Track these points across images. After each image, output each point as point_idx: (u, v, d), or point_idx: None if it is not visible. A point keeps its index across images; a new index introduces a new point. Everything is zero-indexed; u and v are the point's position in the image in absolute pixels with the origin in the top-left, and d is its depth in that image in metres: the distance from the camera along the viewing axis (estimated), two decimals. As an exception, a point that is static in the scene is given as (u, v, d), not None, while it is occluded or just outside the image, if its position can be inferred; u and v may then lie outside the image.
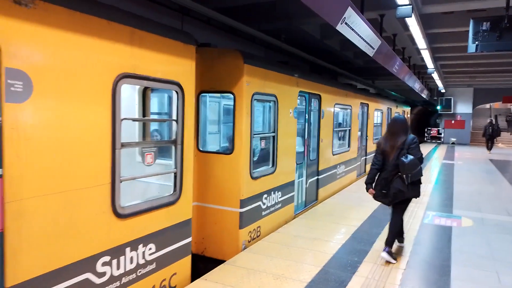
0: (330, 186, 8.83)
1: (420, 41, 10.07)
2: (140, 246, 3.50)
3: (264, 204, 5.72)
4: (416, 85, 15.82)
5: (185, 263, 4.13)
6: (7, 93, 2.33)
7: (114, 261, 3.24)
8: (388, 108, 15.45)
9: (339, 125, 9.93)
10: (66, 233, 2.80)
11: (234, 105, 5.07)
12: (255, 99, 5.29)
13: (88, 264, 2.99)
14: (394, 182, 4.65)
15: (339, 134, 9.97)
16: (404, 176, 4.55)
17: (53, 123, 2.65)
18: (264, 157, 6.01)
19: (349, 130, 10.24)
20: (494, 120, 25.25)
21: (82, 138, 2.88)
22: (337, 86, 9.13)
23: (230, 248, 5.11)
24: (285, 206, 6.41)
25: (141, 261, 3.52)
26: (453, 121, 27.95)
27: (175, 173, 3.92)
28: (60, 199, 2.73)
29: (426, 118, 33.68)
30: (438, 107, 28.23)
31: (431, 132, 29.86)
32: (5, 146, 2.35)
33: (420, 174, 4.64)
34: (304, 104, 7.35)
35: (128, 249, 3.37)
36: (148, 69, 3.45)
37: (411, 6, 6.69)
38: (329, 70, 12.61)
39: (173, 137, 3.93)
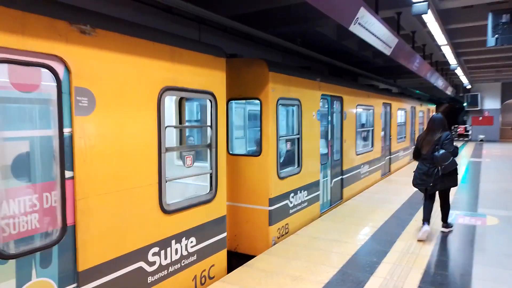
0: (354, 185, 8.99)
1: (440, 37, 9.88)
2: (183, 239, 3.93)
3: (291, 202, 6.05)
4: (439, 82, 15.49)
5: (222, 256, 4.53)
6: (76, 108, 2.82)
7: (162, 252, 3.67)
8: (412, 107, 15.28)
9: (362, 125, 9.95)
10: (123, 227, 3.25)
11: (261, 110, 5.45)
12: (280, 104, 5.65)
13: (141, 254, 3.43)
14: (431, 175, 5.36)
15: (362, 135, 10.06)
16: (439, 167, 5.26)
17: (111, 131, 3.12)
18: (290, 158, 6.34)
19: (372, 130, 10.31)
20: None
21: (135, 144, 3.36)
22: (358, 87, 9.31)
23: (261, 244, 5.47)
24: (311, 204, 6.70)
25: (184, 253, 3.95)
26: (480, 118, 27.06)
27: (211, 174, 4.36)
28: (118, 197, 3.19)
29: (452, 116, 32.77)
30: (464, 104, 27.41)
31: (458, 129, 29.02)
32: (75, 152, 2.83)
33: (453, 165, 5.30)
34: (326, 106, 7.58)
35: (173, 242, 3.80)
36: (186, 81, 3.91)
37: (426, 2, 6.61)
38: (349, 71, 12.55)
39: (208, 141, 4.37)
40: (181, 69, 3.83)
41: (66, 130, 2.77)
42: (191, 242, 4.03)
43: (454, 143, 5.46)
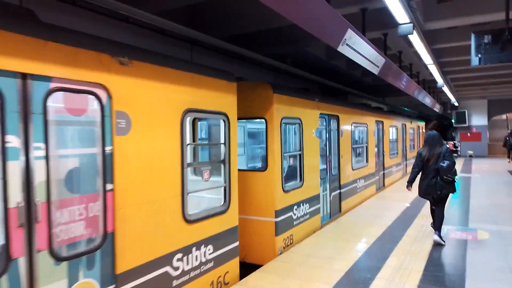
0: (351, 199, 9.41)
1: (426, 57, 10.19)
2: (202, 246, 4.31)
3: (295, 214, 6.49)
4: (427, 100, 15.83)
5: (235, 264, 4.90)
6: (116, 129, 3.25)
7: (185, 258, 4.05)
8: (403, 124, 15.88)
9: (357, 142, 10.39)
10: (152, 234, 3.64)
11: (266, 129, 5.96)
12: (283, 123, 6.16)
13: (167, 259, 3.81)
14: (437, 185, 6.02)
15: (357, 151, 10.46)
16: (444, 177, 5.94)
17: (143, 149, 3.55)
18: (292, 173, 6.76)
19: (366, 146, 10.79)
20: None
21: (162, 159, 3.77)
22: (352, 106, 9.86)
23: (268, 254, 5.85)
24: (312, 217, 7.15)
25: (203, 259, 4.33)
26: (469, 134, 27.54)
27: (225, 187, 4.79)
28: (148, 207, 3.60)
29: (441, 132, 33.26)
30: (453, 121, 27.92)
31: (448, 145, 29.43)
32: (115, 168, 3.23)
33: (455, 174, 6.04)
34: (324, 124, 8.04)
35: (194, 249, 4.18)
36: (203, 103, 4.40)
37: (412, 24, 6.86)
38: (339, 90, 12.79)
39: (222, 157, 4.80)
40: (199, 93, 4.33)
41: (108, 148, 3.19)
42: (209, 249, 4.42)
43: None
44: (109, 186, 3.18)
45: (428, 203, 8.02)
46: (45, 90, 2.74)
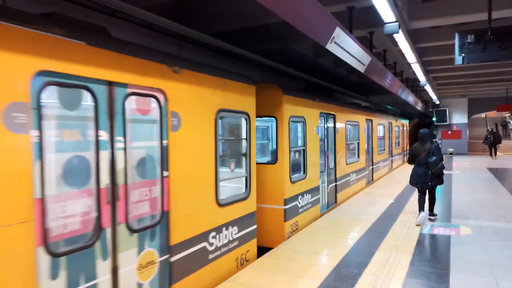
0: (346, 191, 10.25)
1: (410, 56, 10.36)
2: (230, 227, 5.04)
3: (299, 203, 7.23)
4: (410, 98, 16.11)
5: (254, 244, 5.67)
6: (170, 126, 3.98)
7: (217, 236, 4.78)
8: (389, 122, 16.70)
9: (350, 139, 11.05)
10: (195, 214, 4.38)
11: (276, 126, 6.66)
12: (291, 121, 6.88)
13: (205, 236, 4.54)
14: (426, 177, 6.99)
15: (350, 147, 11.15)
16: (433, 170, 6.89)
17: (189, 143, 4.29)
18: (297, 166, 7.43)
19: (358, 143, 11.62)
20: (495, 128, 25.72)
21: (202, 152, 4.52)
22: (346, 106, 10.55)
23: (277, 237, 6.58)
24: (314, 206, 7.92)
25: (230, 238, 5.07)
26: (449, 132, 28.19)
27: (246, 177, 5.54)
28: (193, 192, 4.34)
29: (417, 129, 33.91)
30: (434, 119, 28.51)
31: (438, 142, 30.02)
32: (170, 158, 3.95)
33: (442, 168, 6.98)
34: (323, 122, 8.74)
35: (224, 228, 4.91)
36: (230, 104, 5.11)
37: (398, 22, 6.95)
38: (324, 88, 12.88)
39: (243, 151, 5.58)
40: (228, 95, 5.05)
41: (164, 142, 3.91)
42: (235, 230, 5.16)
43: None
44: (165, 173, 3.91)
45: (411, 199, 8.09)
46: (123, 94, 3.44)
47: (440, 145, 7.16)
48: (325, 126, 8.87)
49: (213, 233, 4.67)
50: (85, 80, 3.08)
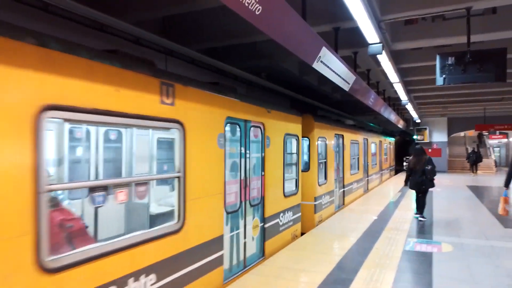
0: (350, 195, 12.85)
1: (392, 76, 10.64)
2: (288, 211, 7.42)
3: (323, 201, 9.57)
4: (392, 116, 16.46)
5: (299, 226, 8.12)
6: (266, 144, 6.35)
7: (283, 216, 7.20)
8: (380, 141, 19.52)
9: (353, 155, 13.49)
10: (274, 200, 6.76)
11: (309, 145, 9.10)
12: (319, 141, 9.39)
13: (278, 215, 6.96)
14: (423, 183, 9.05)
15: (353, 161, 13.49)
16: (428, 176, 8.98)
17: (274, 155, 6.77)
18: (321, 174, 9.66)
19: (358, 158, 14.08)
20: (476, 148, 27.06)
21: (279, 160, 7.10)
22: (350, 127, 13.11)
23: (310, 225, 8.83)
24: (331, 204, 10.35)
25: (289, 219, 7.47)
26: (429, 150, 28.79)
27: (296, 179, 8.06)
28: (274, 186, 6.77)
29: (403, 147, 34.61)
30: (415, 137, 29.14)
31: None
32: (265, 164, 6.38)
33: (434, 174, 9.14)
34: (336, 141, 11.04)
35: (286, 211, 7.34)
36: (290, 130, 7.62)
37: (381, 44, 7.17)
38: (309, 105, 13.06)
39: (295, 161, 8.03)
40: (289, 124, 7.55)
41: (263, 154, 6.33)
42: (291, 214, 7.56)
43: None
44: (263, 173, 6.34)
45: (394, 216, 8.18)
46: (250, 127, 5.93)
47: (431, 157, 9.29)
48: (337, 144, 11.31)
49: (282, 214, 7.07)
50: (238, 120, 5.57)
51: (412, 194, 14.29)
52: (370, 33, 6.67)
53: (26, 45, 2.56)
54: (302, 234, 7.99)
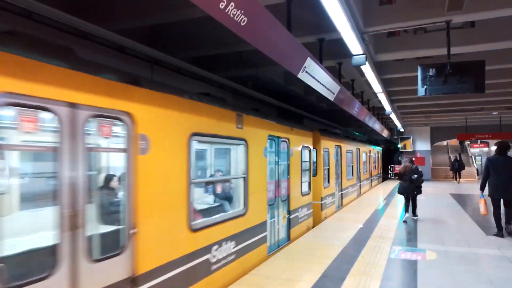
0: (347, 197, 14.91)
1: (376, 86, 10.84)
2: (304, 207, 9.27)
3: (327, 201, 11.59)
4: (376, 126, 16.71)
5: (311, 220, 9.95)
6: (289, 155, 8.33)
7: (301, 211, 9.02)
8: (369, 150, 21.62)
9: (348, 163, 15.46)
10: (294, 198, 8.56)
11: (316, 155, 10.93)
12: (324, 151, 11.33)
13: (298, 209, 8.85)
14: (410, 188, 10.30)
15: (348, 168, 15.48)
16: (415, 184, 10.24)
17: (295, 163, 8.84)
18: (325, 178, 11.54)
19: (352, 165, 16.13)
20: (458, 157, 28.09)
21: (298, 167, 9.00)
22: (345, 139, 14.99)
23: (318, 220, 10.65)
24: (332, 205, 12.37)
25: (304, 213, 9.28)
26: (413, 158, 29.22)
27: (309, 182, 9.87)
28: (295, 186, 8.63)
29: (388, 156, 35.11)
30: (399, 145, 29.60)
31: (394, 169, 31.03)
32: (290, 170, 8.45)
33: (421, 182, 10.40)
34: (335, 151, 12.98)
35: (302, 208, 9.09)
36: (306, 142, 9.48)
37: (364, 55, 7.31)
38: (295, 114, 13.16)
39: (308, 168, 9.74)
40: (305, 138, 9.51)
41: (288, 162, 8.19)
42: (306, 209, 9.38)
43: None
44: (288, 176, 8.16)
45: (380, 224, 8.26)
46: (280, 141, 7.78)
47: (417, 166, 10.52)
48: (337, 153, 13.21)
49: (300, 209, 8.88)
50: (274, 137, 7.45)
51: (398, 201, 14.45)
52: (354, 45, 6.81)
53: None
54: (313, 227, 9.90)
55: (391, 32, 8.15)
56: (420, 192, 10.44)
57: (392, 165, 31.60)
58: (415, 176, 10.13)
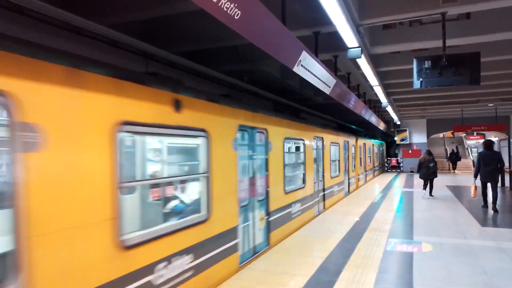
0: (353, 186, 16.80)
1: (372, 79, 10.82)
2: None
3: (335, 189, 13.13)
4: (373, 119, 16.71)
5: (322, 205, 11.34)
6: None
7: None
8: (373, 144, 23.66)
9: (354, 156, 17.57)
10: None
11: (339, 148, 13.66)
12: (331, 145, 12.64)
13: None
14: (427, 173, 13.42)
15: (358, 160, 18.21)
16: (431, 170, 13.31)
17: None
18: (335, 168, 13.55)
19: (360, 158, 18.79)
20: (456, 149, 29.43)
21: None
22: (350, 134, 16.52)
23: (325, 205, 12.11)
24: (341, 191, 14.14)
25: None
26: (410, 151, 29.36)
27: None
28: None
29: (386, 149, 35.22)
30: (395, 138, 29.67)
31: (391, 161, 31.15)
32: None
33: (436, 169, 13.59)
34: (344, 145, 14.99)
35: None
36: (331, 140, 12.33)
37: (360, 48, 7.29)
38: (292, 107, 13.13)
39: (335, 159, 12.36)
40: (329, 136, 12.18)
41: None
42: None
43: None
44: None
45: (376, 216, 8.32)
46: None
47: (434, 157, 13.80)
48: (347, 147, 15.35)
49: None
50: (317, 138, 10.59)
51: (394, 195, 14.57)
52: (349, 38, 6.78)
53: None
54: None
55: (387, 25, 8.13)
56: (436, 176, 13.61)
57: (388, 157, 31.70)
58: (432, 164, 13.31)
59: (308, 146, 9.91)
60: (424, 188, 13.84)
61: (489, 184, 10.68)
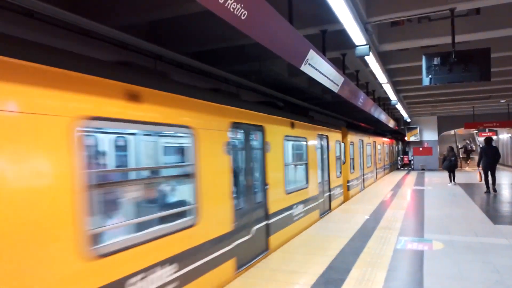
0: (367, 181, 18.23)
1: (381, 76, 10.75)
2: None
3: (353, 183, 14.47)
4: (382, 116, 16.59)
5: (343, 197, 12.99)
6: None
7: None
8: (383, 142, 24.21)
9: (368, 154, 18.82)
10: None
11: (344, 147, 13.49)
12: (350, 144, 14.04)
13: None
14: (452, 166, 17.36)
15: (369, 158, 18.89)
16: (453, 163, 17.32)
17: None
18: (351, 165, 14.49)
19: (370, 156, 19.27)
20: (469, 146, 30.36)
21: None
22: (369, 133, 18.90)
23: (346, 198, 13.37)
24: (358, 186, 15.64)
25: (339, 191, 12.40)
26: (421, 148, 29.07)
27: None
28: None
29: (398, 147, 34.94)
30: (406, 137, 29.42)
31: (404, 159, 30.90)
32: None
33: (457, 161, 17.99)
34: (359, 144, 16.38)
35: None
36: (338, 138, 12.54)
37: (368, 45, 7.25)
38: (301, 107, 13.11)
39: (339, 156, 12.72)
40: (337, 134, 12.47)
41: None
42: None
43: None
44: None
45: (386, 215, 8.31)
46: (327, 138, 11.11)
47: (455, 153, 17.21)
48: (360, 146, 16.25)
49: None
50: (324, 136, 10.86)
51: (405, 192, 14.49)
52: (357, 35, 6.75)
53: None
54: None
55: (395, 22, 8.07)
56: (457, 167, 17.76)
57: (400, 155, 31.42)
58: (453, 158, 17.15)
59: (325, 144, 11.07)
60: (449, 179, 17.46)
61: (489, 173, 13.57)
